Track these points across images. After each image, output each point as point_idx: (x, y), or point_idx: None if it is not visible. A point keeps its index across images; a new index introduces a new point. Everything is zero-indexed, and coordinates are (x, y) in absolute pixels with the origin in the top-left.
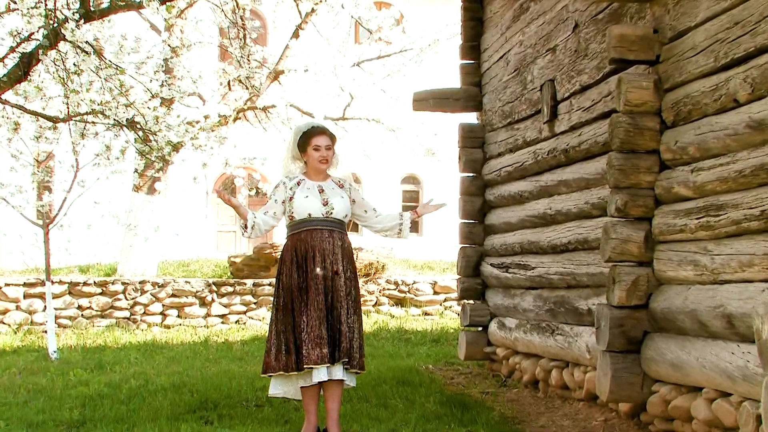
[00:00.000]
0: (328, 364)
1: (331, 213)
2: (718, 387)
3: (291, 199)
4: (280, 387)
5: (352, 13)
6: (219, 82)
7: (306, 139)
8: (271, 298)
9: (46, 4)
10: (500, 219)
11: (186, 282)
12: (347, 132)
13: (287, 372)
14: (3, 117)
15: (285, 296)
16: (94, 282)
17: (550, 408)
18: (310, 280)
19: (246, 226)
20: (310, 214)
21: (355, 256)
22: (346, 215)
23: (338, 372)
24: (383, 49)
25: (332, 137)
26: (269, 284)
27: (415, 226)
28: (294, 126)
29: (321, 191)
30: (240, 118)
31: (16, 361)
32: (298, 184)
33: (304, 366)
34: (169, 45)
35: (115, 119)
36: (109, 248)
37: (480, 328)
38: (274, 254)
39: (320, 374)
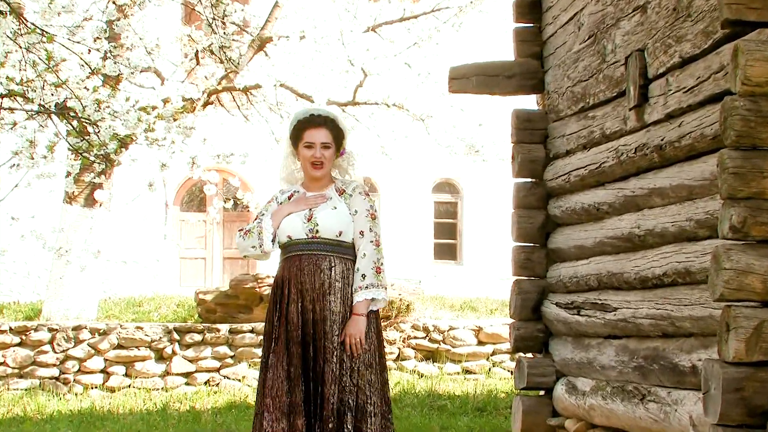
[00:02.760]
0: None
1: (317, 232)
2: None
3: None
4: None
5: None
6: (183, 54)
7: (297, 132)
8: (254, 350)
9: None
10: (569, 241)
11: (137, 328)
12: (359, 122)
13: None
14: None
15: (266, 349)
16: (10, 328)
17: None
18: (286, 325)
19: (264, 242)
20: (290, 237)
21: None
22: (341, 232)
23: None
24: (408, 7)
25: (335, 130)
26: (252, 330)
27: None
28: (292, 113)
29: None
30: (212, 103)
31: None
32: (290, 197)
33: None
34: (114, 2)
35: (40, 104)
36: (31, 281)
37: (542, 392)
38: (258, 289)
39: None
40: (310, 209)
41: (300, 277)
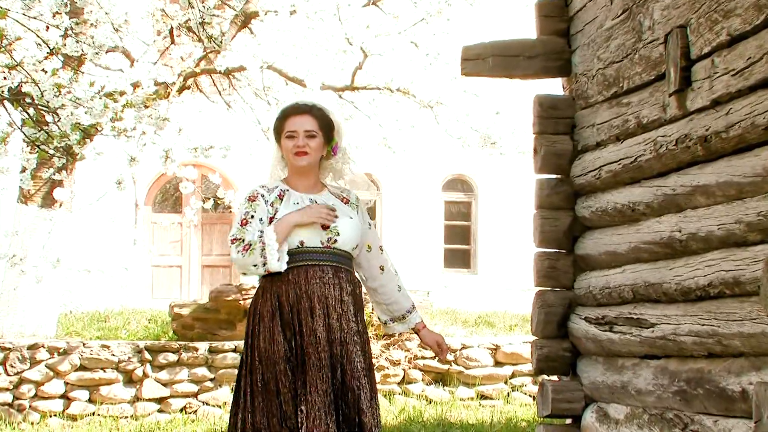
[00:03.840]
0: None
1: (335, 242)
2: None
3: (272, 219)
4: None
5: None
6: (156, 31)
7: (280, 123)
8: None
9: None
10: (600, 247)
11: (103, 346)
12: (358, 110)
13: None
14: None
15: (265, 372)
16: None
17: None
18: (309, 346)
19: (268, 260)
20: (302, 243)
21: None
22: (356, 245)
23: None
24: None
25: (322, 119)
26: (235, 350)
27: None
28: (280, 100)
29: None
30: (189, 88)
31: None
32: (281, 197)
33: None
34: None
35: None
36: None
37: (569, 420)
38: (241, 302)
39: None
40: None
41: (323, 290)
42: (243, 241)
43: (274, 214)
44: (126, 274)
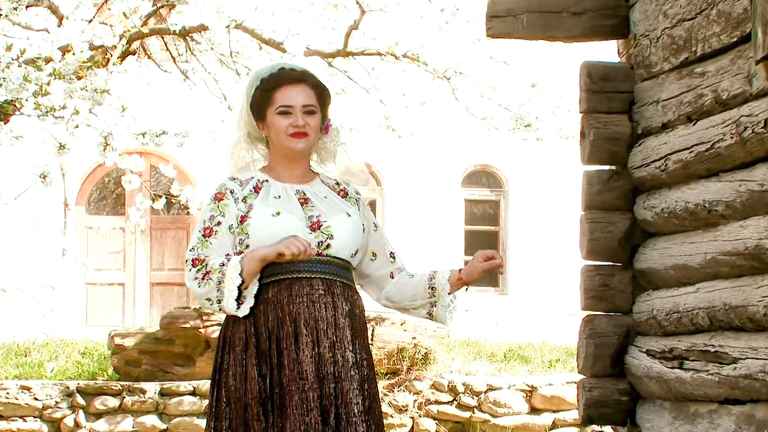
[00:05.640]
0: None
1: (327, 246)
2: None
3: (245, 218)
4: None
5: None
6: None
7: (265, 95)
8: (196, 421)
9: None
10: (666, 259)
11: (23, 388)
12: (353, 81)
13: None
14: None
15: (234, 418)
16: None
17: None
18: (291, 383)
19: (226, 298)
20: None
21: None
22: (356, 251)
23: None
24: None
25: (319, 89)
26: (194, 392)
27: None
28: (252, 70)
29: (304, 202)
30: (135, 54)
31: None
32: (257, 189)
33: None
34: None
35: None
36: None
37: None
38: (202, 330)
39: None
40: (312, 214)
41: (312, 311)
42: (204, 264)
43: (247, 212)
44: (52, 294)
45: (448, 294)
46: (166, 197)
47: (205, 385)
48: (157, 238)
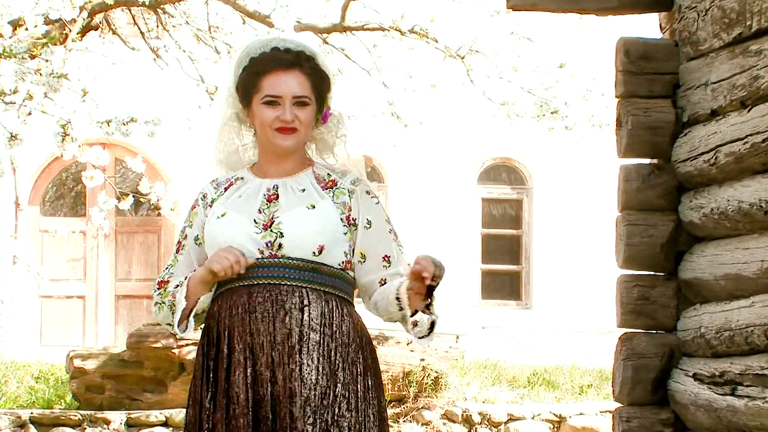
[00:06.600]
0: None
1: (279, 247)
2: None
3: (205, 226)
4: None
5: None
6: None
7: (251, 79)
8: None
9: None
10: (717, 267)
11: None
12: (351, 60)
13: None
14: None
15: None
16: None
17: None
18: (219, 410)
19: (184, 319)
20: None
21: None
22: (322, 248)
23: None
24: None
25: (316, 75)
26: (166, 423)
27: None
28: (238, 46)
29: (271, 198)
30: (98, 29)
31: None
32: (227, 188)
33: None
34: None
35: None
36: None
37: None
38: (176, 351)
39: None
40: (269, 212)
41: (250, 324)
42: (164, 287)
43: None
44: (1, 310)
45: (409, 308)
46: (133, 196)
47: (179, 414)
48: (123, 243)
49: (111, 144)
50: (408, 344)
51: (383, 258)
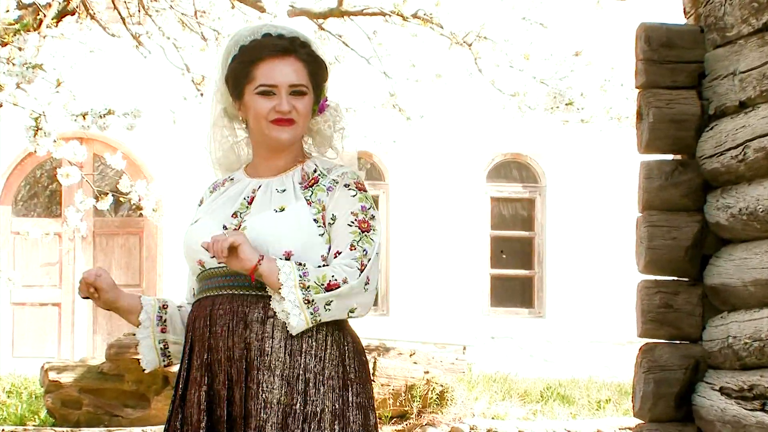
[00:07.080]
0: None
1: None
2: None
3: None
4: None
5: None
6: None
7: (243, 68)
8: None
9: None
10: (745, 272)
11: None
12: (349, 48)
13: None
14: None
15: None
16: None
17: None
18: (176, 430)
19: (141, 357)
20: (202, 264)
21: (369, 370)
22: (290, 253)
23: None
24: None
25: (313, 63)
26: None
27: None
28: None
29: (251, 200)
30: (74, 13)
31: None
32: (212, 191)
33: None
34: None
35: None
36: None
37: None
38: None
39: None
40: (243, 215)
41: (209, 339)
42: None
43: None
44: None
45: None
46: (113, 195)
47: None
48: (101, 246)
49: (89, 139)
50: (411, 355)
51: (335, 255)
